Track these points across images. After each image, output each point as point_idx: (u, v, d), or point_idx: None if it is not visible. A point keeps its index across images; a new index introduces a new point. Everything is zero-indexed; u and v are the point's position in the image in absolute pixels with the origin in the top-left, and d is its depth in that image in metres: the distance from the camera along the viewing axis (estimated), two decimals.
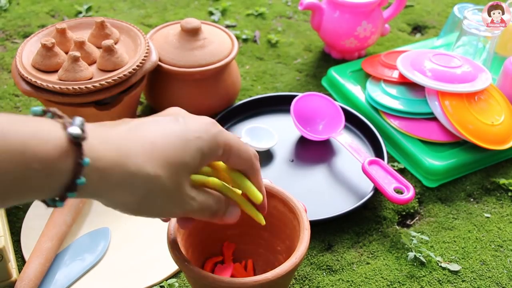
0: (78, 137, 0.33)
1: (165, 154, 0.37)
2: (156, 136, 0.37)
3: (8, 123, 0.31)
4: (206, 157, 0.40)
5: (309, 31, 1.06)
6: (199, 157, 0.39)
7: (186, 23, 0.78)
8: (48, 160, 0.32)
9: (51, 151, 0.32)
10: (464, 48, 0.87)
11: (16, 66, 0.70)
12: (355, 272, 0.63)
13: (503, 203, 0.73)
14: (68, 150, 0.32)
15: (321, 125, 0.81)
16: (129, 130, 0.37)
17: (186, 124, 0.39)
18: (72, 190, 0.33)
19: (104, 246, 0.64)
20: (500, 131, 0.76)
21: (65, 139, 0.33)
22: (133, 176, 0.35)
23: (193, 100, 0.79)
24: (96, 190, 0.35)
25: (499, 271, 0.64)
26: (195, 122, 0.40)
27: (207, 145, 0.39)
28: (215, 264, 0.58)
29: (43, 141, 0.32)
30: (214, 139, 0.40)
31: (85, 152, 0.33)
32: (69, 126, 0.33)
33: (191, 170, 0.39)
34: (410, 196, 0.66)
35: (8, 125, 0.31)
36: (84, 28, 0.78)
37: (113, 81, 0.69)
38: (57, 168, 0.32)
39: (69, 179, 0.33)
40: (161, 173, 0.36)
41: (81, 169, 0.33)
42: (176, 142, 0.38)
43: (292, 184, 0.73)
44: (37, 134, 0.32)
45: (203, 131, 0.40)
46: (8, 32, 1.02)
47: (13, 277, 0.59)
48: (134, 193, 0.36)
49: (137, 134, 0.37)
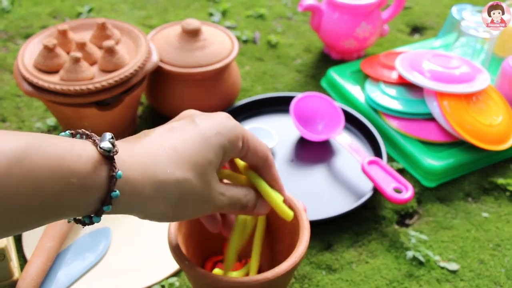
0: (110, 151, 0.34)
1: (190, 157, 0.38)
2: (176, 141, 0.38)
3: (43, 141, 0.32)
4: (228, 151, 0.40)
5: (308, 32, 1.06)
6: (222, 153, 0.40)
7: (186, 24, 0.79)
8: (84, 175, 0.32)
9: (87, 165, 0.33)
10: (462, 49, 0.87)
11: (18, 67, 0.71)
12: (355, 271, 0.63)
13: (501, 203, 0.73)
14: (102, 164, 0.33)
15: (320, 125, 0.81)
16: (151, 142, 0.38)
17: (202, 123, 0.40)
18: (108, 203, 0.34)
19: (105, 246, 0.65)
20: (498, 132, 0.77)
21: (97, 154, 0.33)
22: (164, 184, 0.36)
23: (193, 100, 0.80)
24: (130, 203, 0.35)
25: (497, 270, 0.64)
26: (211, 119, 0.41)
27: (227, 139, 0.40)
28: (215, 263, 0.59)
29: (77, 157, 0.32)
30: (232, 132, 0.40)
31: (117, 166, 0.34)
32: (99, 142, 0.34)
33: (217, 166, 0.40)
34: (409, 195, 0.67)
35: (43, 142, 0.32)
36: (85, 29, 0.79)
37: (114, 82, 0.69)
38: (92, 182, 0.33)
39: (104, 192, 0.33)
40: (189, 175, 0.37)
41: (115, 181, 0.33)
42: (197, 142, 0.38)
43: (292, 184, 0.74)
44: (71, 149, 0.32)
45: (221, 126, 0.40)
46: (10, 33, 1.02)
47: (15, 276, 0.60)
48: (167, 201, 0.37)
49: (159, 144, 0.38)
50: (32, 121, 0.83)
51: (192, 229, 0.54)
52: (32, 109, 0.85)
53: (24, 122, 0.83)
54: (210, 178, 0.39)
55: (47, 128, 0.81)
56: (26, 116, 0.84)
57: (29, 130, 0.81)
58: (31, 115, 0.84)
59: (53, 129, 0.81)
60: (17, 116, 0.84)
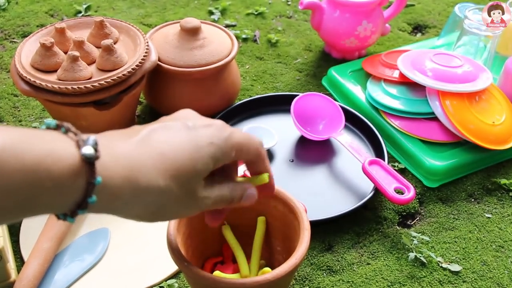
0: (91, 158, 0.33)
1: (176, 164, 0.37)
2: (166, 146, 0.37)
3: (21, 141, 0.31)
4: (219, 162, 0.40)
5: (309, 31, 1.06)
6: (212, 163, 0.39)
7: (185, 23, 0.78)
8: (61, 179, 0.32)
9: (64, 169, 0.32)
10: (465, 47, 0.86)
11: (15, 66, 0.70)
12: (356, 273, 0.63)
13: (504, 203, 0.72)
14: (81, 169, 0.32)
15: (321, 125, 0.81)
16: (139, 142, 0.36)
17: (196, 130, 0.39)
18: (83, 207, 0.33)
19: (103, 247, 0.64)
20: (501, 131, 0.76)
21: (78, 158, 0.32)
22: (145, 191, 0.35)
23: (192, 100, 0.79)
24: (107, 207, 0.35)
25: (500, 271, 0.63)
26: (206, 128, 0.39)
27: (219, 151, 0.39)
28: (215, 264, 0.58)
29: (56, 160, 0.31)
30: (226, 143, 0.39)
31: (97, 171, 0.33)
32: (82, 145, 0.33)
33: (205, 175, 0.39)
34: (410, 196, 0.66)
35: (22, 143, 0.31)
36: (83, 28, 0.78)
37: (113, 81, 0.69)
38: (69, 187, 0.32)
39: (80, 197, 0.33)
40: (172, 184, 0.36)
41: (93, 188, 0.33)
42: (187, 150, 0.37)
43: (292, 184, 0.73)
44: (51, 152, 0.32)
45: (216, 137, 0.39)
46: (7, 31, 1.01)
47: (12, 277, 0.59)
48: (145, 206, 0.36)
49: (147, 146, 0.36)
50: (29, 120, 0.82)
51: (191, 229, 0.54)
52: (29, 108, 0.84)
53: (21, 122, 0.82)
54: (194, 186, 0.38)
55: None
56: (23, 115, 0.83)
57: None
58: (28, 114, 0.83)
59: None
60: (14, 115, 0.83)
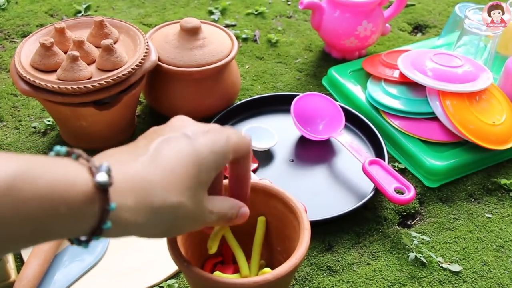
0: (105, 184, 0.32)
1: (184, 179, 0.37)
2: (174, 161, 0.37)
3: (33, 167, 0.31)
4: (220, 167, 0.41)
5: (309, 31, 1.05)
6: (214, 171, 0.40)
7: (185, 23, 0.78)
8: (75, 205, 0.32)
9: (78, 196, 0.32)
10: (465, 47, 0.86)
11: (15, 66, 0.70)
12: (356, 273, 0.63)
13: (505, 204, 0.72)
14: (95, 196, 0.32)
15: (321, 125, 0.80)
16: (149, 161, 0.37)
17: (196, 140, 0.39)
18: (98, 234, 0.33)
19: (103, 247, 0.64)
20: (501, 131, 0.76)
21: (91, 184, 0.32)
22: (159, 210, 0.36)
23: (192, 100, 0.79)
24: (122, 231, 0.35)
25: (500, 272, 0.63)
26: (204, 135, 0.40)
27: (220, 157, 0.40)
28: (215, 264, 0.58)
29: (70, 186, 0.31)
30: (225, 148, 0.41)
31: (111, 197, 0.33)
32: (96, 172, 0.33)
33: (208, 185, 0.40)
34: (410, 196, 0.66)
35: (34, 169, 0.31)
36: (83, 28, 0.78)
37: (112, 81, 0.68)
38: (84, 213, 0.32)
39: (95, 224, 0.33)
40: (183, 199, 0.37)
41: (107, 214, 0.33)
42: (191, 162, 0.38)
43: (292, 184, 0.73)
44: (64, 179, 0.31)
45: (215, 144, 0.40)
46: (6, 31, 1.01)
47: (11, 277, 0.59)
48: (161, 225, 0.37)
49: (157, 164, 0.37)
50: (29, 120, 0.82)
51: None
52: (29, 108, 0.84)
53: (21, 122, 0.82)
54: (201, 197, 0.39)
55: (44, 128, 0.80)
56: (23, 115, 0.83)
57: (26, 130, 0.80)
58: (28, 114, 0.83)
59: (50, 129, 0.80)
60: (13, 115, 0.83)
